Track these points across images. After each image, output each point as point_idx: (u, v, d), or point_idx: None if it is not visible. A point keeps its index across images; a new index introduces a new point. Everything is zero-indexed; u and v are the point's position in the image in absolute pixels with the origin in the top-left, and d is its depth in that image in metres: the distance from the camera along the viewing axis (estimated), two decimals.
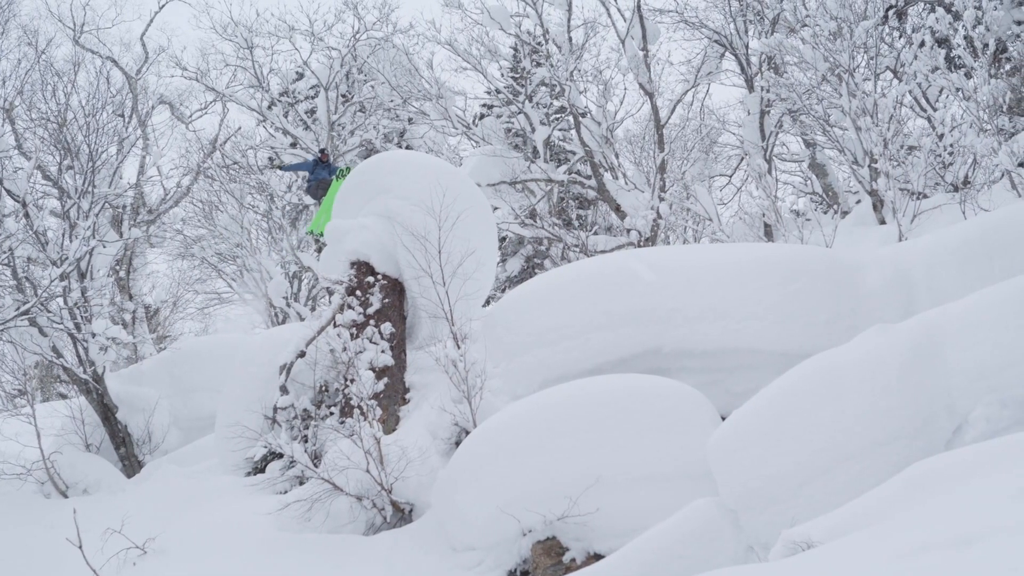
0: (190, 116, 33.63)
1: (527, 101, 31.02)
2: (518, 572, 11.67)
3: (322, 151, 22.10)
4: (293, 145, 34.30)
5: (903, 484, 8.43)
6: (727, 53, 31.55)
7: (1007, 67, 21.42)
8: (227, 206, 32.36)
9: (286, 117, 35.46)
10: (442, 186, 15.40)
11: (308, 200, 30.90)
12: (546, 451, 11.63)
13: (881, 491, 8.59)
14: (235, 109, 35.43)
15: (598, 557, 11.19)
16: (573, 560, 11.35)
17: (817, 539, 8.48)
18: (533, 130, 30.55)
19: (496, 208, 27.61)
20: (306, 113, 35.74)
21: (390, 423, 14.95)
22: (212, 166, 32.08)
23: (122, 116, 25.99)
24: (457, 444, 13.50)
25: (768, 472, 10.38)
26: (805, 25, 23.85)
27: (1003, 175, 18.18)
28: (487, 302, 19.56)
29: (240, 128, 34.90)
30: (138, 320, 31.26)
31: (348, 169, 20.00)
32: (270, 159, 35.06)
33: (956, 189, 19.07)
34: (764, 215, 22.44)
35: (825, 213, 28.77)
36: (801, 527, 8.84)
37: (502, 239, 31.42)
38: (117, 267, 27.79)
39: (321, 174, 21.19)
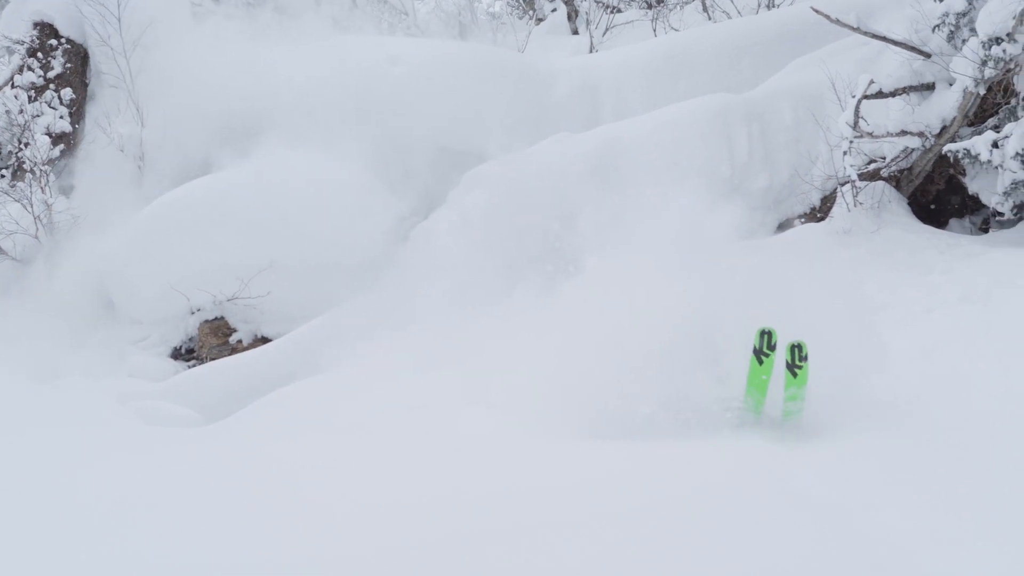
0: None
1: None
2: (183, 350, 11.54)
3: None
4: None
5: None
6: None
7: None
8: None
9: None
10: None
11: None
12: (222, 231, 11.45)
13: None
14: None
15: (265, 340, 11.16)
16: (240, 341, 11.31)
17: None
18: None
19: None
20: None
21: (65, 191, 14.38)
22: None
23: None
24: None
25: None
26: None
27: None
28: None
29: None
30: None
31: None
32: None
33: (649, 7, 19.40)
34: (460, 15, 22.24)
35: (520, 19, 28.81)
36: None
37: None
38: None
39: None
